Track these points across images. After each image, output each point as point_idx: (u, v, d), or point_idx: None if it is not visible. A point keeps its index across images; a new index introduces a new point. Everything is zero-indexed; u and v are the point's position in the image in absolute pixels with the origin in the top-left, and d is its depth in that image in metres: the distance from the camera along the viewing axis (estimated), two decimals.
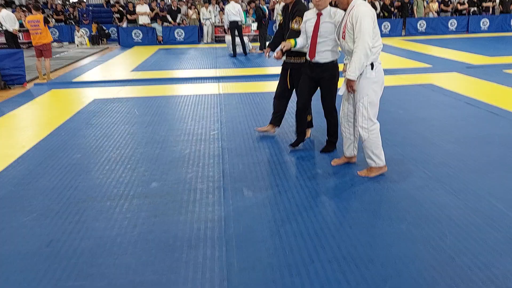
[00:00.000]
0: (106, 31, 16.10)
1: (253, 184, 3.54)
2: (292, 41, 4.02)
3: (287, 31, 4.27)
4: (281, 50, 4.10)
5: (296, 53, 4.21)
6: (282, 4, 4.31)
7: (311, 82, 4.01)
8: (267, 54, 4.44)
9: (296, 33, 4.11)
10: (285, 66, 4.44)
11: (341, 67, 3.76)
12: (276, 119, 4.69)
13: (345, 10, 3.46)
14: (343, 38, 3.44)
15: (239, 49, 11.95)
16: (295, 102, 4.19)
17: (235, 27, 11.42)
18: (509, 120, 5.10)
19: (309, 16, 3.88)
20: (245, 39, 12.11)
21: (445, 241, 2.62)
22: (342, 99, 3.72)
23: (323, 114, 4.15)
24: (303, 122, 4.20)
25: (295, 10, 4.19)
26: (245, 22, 13.96)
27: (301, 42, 4.02)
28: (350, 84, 3.40)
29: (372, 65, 3.36)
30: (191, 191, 3.44)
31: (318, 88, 4.05)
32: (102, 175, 3.81)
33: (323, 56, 3.82)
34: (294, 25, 4.15)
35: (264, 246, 2.62)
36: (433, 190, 3.33)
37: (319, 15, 3.77)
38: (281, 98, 4.59)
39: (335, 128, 4.15)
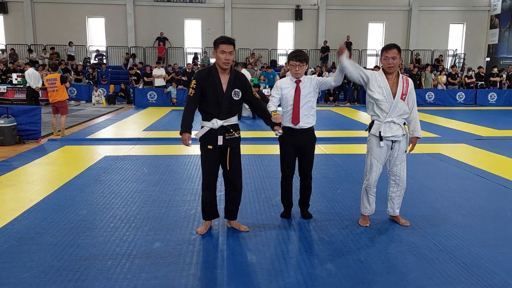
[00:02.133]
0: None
1: (257, 248, 3.46)
2: (277, 112, 3.77)
3: (222, 103, 3.53)
4: (279, 124, 3.73)
5: (236, 126, 3.69)
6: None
7: (295, 150, 3.99)
8: (189, 142, 3.60)
9: (262, 101, 3.80)
10: (225, 145, 3.59)
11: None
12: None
13: (387, 74, 3.82)
14: (403, 99, 3.79)
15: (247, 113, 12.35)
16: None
17: None
18: None
19: (285, 84, 3.98)
20: None
21: None
22: (374, 165, 3.90)
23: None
24: (291, 192, 4.18)
25: (241, 80, 3.62)
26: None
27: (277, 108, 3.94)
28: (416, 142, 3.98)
29: None
30: (194, 253, 3.37)
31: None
32: (106, 232, 3.77)
33: (307, 120, 3.92)
34: (257, 94, 3.77)
35: None
36: (444, 263, 3.23)
37: (298, 82, 3.93)
38: (214, 187, 3.75)
39: (310, 192, 4.19)
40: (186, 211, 4.34)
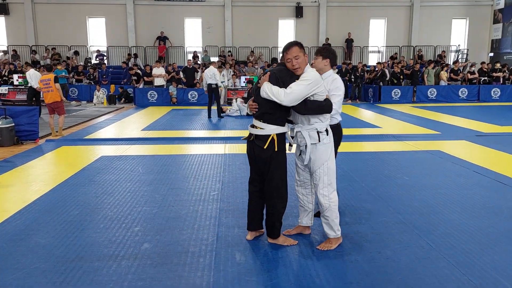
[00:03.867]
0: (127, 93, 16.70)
1: (246, 249, 3.42)
2: None
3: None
4: None
5: None
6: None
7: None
8: None
9: None
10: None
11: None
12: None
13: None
14: None
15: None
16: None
17: (211, 90, 12.01)
18: None
19: None
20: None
21: None
22: (295, 167, 3.60)
23: None
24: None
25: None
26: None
27: None
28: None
29: (326, 131, 3.34)
30: (182, 254, 3.33)
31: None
32: (95, 233, 3.74)
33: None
34: None
35: None
36: (435, 263, 3.17)
37: None
38: None
39: None
40: (177, 211, 4.31)
